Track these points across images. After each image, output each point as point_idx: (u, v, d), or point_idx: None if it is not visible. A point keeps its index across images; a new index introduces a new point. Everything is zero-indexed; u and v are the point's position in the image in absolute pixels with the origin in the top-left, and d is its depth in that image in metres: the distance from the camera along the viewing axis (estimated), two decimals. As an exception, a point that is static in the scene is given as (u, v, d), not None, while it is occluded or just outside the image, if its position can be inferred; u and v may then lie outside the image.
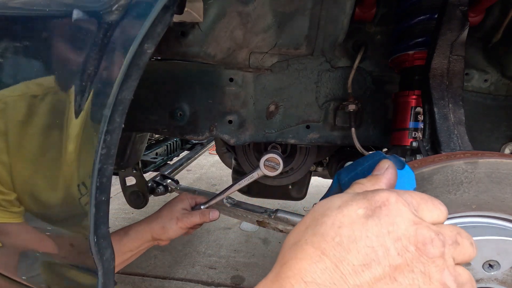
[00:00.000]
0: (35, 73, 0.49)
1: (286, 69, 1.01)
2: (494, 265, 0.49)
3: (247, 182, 1.03)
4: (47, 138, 0.51)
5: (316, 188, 3.28)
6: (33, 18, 0.49)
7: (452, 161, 0.51)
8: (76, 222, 0.54)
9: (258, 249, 2.34)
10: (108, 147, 0.50)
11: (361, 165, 0.56)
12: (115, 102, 0.49)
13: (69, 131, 0.49)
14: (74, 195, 0.51)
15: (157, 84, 1.05)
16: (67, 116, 0.49)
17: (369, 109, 1.05)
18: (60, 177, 0.52)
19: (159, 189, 1.84)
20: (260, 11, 0.80)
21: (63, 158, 0.50)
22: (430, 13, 0.80)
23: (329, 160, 1.47)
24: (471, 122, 1.02)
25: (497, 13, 0.88)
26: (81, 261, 0.57)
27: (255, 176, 1.01)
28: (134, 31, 0.47)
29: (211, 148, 3.91)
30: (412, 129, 0.85)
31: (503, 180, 0.50)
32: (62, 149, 0.50)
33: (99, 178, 0.51)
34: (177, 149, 2.51)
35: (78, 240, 0.55)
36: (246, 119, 1.06)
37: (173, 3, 0.50)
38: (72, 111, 0.48)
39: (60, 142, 0.50)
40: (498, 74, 0.99)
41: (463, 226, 0.53)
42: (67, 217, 0.55)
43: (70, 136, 0.49)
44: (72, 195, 0.52)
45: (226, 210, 1.19)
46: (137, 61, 0.49)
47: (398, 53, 0.87)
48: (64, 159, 0.50)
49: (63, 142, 0.49)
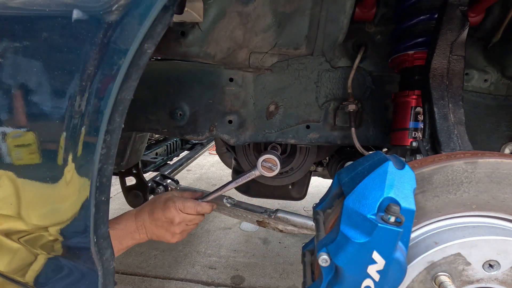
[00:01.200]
0: (34, 73, 0.49)
1: (286, 69, 1.01)
2: (494, 265, 0.49)
3: (243, 181, 1.02)
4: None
5: (316, 188, 3.28)
6: (33, 18, 0.49)
7: (452, 161, 0.51)
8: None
9: (258, 249, 2.34)
10: (108, 147, 0.50)
11: (361, 165, 0.57)
12: (115, 102, 0.49)
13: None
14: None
15: (157, 84, 1.05)
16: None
17: (369, 109, 1.05)
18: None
19: (159, 189, 1.84)
20: (260, 11, 0.80)
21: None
22: (430, 13, 0.80)
23: (329, 160, 1.47)
24: (471, 122, 1.02)
25: (497, 13, 0.88)
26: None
27: (252, 176, 1.01)
28: (134, 31, 0.47)
29: (211, 148, 3.92)
30: (412, 129, 0.85)
31: (503, 180, 0.50)
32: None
33: (99, 178, 0.51)
34: (177, 149, 2.51)
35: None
36: (246, 119, 1.06)
37: (173, 3, 0.50)
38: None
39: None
40: (498, 74, 0.99)
41: (463, 226, 0.53)
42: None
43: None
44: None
45: (226, 210, 1.19)
46: (137, 61, 0.49)
47: (398, 53, 0.87)
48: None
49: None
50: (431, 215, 0.53)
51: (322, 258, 0.51)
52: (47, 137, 0.52)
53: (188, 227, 0.99)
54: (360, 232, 0.47)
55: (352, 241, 0.47)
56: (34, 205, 0.56)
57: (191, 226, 1.00)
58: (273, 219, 1.30)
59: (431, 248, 0.50)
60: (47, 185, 0.54)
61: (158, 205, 0.96)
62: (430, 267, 0.51)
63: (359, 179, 0.52)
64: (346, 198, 0.51)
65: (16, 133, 0.52)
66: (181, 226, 0.96)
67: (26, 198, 0.56)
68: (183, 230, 0.98)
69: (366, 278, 0.48)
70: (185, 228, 0.98)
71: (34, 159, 0.53)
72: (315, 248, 0.56)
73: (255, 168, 1.00)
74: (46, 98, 0.50)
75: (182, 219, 0.95)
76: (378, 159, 0.54)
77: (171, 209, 0.94)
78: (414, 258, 0.51)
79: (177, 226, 0.95)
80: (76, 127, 0.50)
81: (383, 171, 0.49)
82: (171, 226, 0.95)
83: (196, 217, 1.00)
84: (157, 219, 0.94)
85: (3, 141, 0.52)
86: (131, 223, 0.93)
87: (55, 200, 0.55)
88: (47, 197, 0.55)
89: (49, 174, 0.53)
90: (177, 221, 0.95)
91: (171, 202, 0.95)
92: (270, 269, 2.09)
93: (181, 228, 0.96)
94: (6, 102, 0.51)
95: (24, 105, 0.51)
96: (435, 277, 0.51)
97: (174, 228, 0.95)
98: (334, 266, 0.51)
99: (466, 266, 0.50)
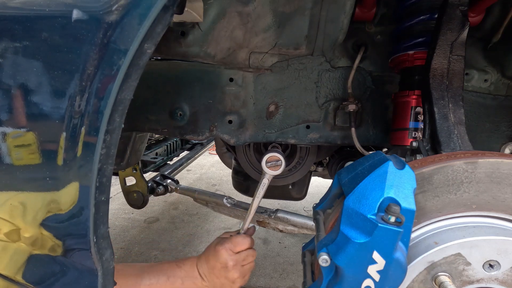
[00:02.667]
0: (34, 73, 0.49)
1: (286, 69, 1.01)
2: (494, 265, 0.49)
3: (264, 191, 0.98)
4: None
5: (316, 188, 3.28)
6: (33, 18, 0.49)
7: (452, 161, 0.51)
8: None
9: (258, 249, 2.34)
10: (108, 147, 0.50)
11: (362, 165, 0.57)
12: (115, 102, 0.49)
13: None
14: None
15: (157, 84, 1.05)
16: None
17: (369, 109, 1.05)
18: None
19: (159, 189, 1.84)
20: (260, 11, 0.80)
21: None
22: (430, 13, 0.80)
23: (329, 160, 1.47)
24: (471, 122, 1.02)
25: (497, 13, 0.88)
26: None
27: (266, 181, 0.97)
28: (134, 31, 0.47)
29: (211, 148, 3.91)
30: (412, 129, 0.85)
31: (503, 180, 0.50)
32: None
33: (99, 178, 0.51)
34: (177, 149, 2.51)
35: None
36: (246, 119, 1.06)
37: (173, 3, 0.50)
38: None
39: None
40: (498, 74, 0.99)
41: (463, 226, 0.53)
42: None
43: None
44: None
45: (226, 210, 1.19)
46: (137, 61, 0.49)
47: (398, 53, 0.87)
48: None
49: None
50: (431, 215, 0.53)
51: (322, 258, 0.51)
52: (47, 137, 0.52)
53: (245, 268, 0.93)
54: (360, 232, 0.47)
55: (352, 241, 0.47)
56: (34, 205, 0.56)
57: (248, 265, 0.94)
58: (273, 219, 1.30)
59: (431, 248, 0.50)
60: (47, 185, 0.54)
61: (211, 251, 0.92)
62: (430, 267, 0.51)
63: (359, 179, 0.52)
64: (346, 198, 0.51)
65: (16, 133, 0.52)
66: (238, 269, 0.91)
67: (25, 199, 0.56)
68: (242, 273, 0.92)
69: (366, 278, 0.48)
70: (242, 270, 0.92)
71: (34, 159, 0.53)
72: (315, 248, 0.56)
73: (264, 173, 0.97)
74: (46, 98, 0.50)
75: (236, 261, 0.91)
76: (378, 159, 0.54)
77: (222, 252, 0.90)
78: (414, 258, 0.51)
79: (233, 271, 0.90)
80: (76, 127, 0.50)
81: (383, 171, 0.49)
82: (227, 272, 0.90)
83: (248, 253, 0.94)
84: (213, 267, 0.90)
85: (3, 141, 0.52)
86: (194, 268, 0.91)
87: (54, 200, 0.55)
88: (46, 197, 0.55)
89: (48, 174, 0.53)
90: (231, 265, 0.90)
91: (219, 246, 0.91)
92: (270, 269, 2.09)
93: (238, 271, 0.91)
94: (6, 102, 0.51)
95: (24, 105, 0.51)
96: (435, 277, 0.51)
97: (232, 274, 0.90)
98: (334, 266, 0.51)
99: (466, 266, 0.50)
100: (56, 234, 0.58)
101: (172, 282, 0.88)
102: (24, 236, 0.60)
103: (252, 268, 0.96)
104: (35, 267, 0.62)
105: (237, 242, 0.92)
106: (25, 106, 0.51)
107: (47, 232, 0.58)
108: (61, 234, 0.58)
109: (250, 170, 1.27)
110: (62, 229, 0.57)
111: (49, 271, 0.62)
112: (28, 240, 0.60)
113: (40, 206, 0.56)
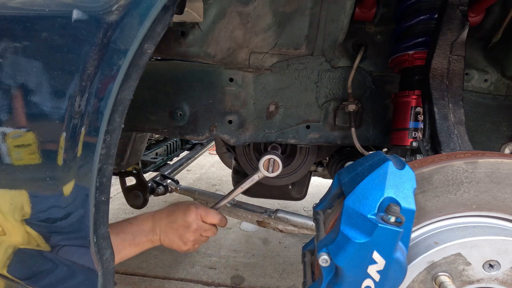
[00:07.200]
0: (34, 73, 0.49)
1: (286, 69, 1.01)
2: (494, 265, 0.49)
3: (249, 185, 1.02)
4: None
5: (316, 188, 3.28)
6: (33, 18, 0.49)
7: (452, 161, 0.51)
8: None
9: (258, 249, 2.34)
10: (108, 147, 0.50)
11: (362, 165, 0.57)
12: (115, 102, 0.49)
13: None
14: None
15: (157, 84, 1.05)
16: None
17: (369, 109, 1.05)
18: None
19: (159, 189, 1.84)
20: (260, 11, 0.80)
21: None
22: (430, 13, 0.80)
23: (329, 160, 1.47)
24: (471, 122, 1.02)
25: (497, 13, 0.88)
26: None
27: (256, 178, 1.00)
28: (134, 31, 0.47)
29: (211, 148, 3.91)
30: (412, 129, 0.85)
31: (503, 180, 0.50)
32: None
33: (99, 178, 0.51)
34: (177, 149, 2.51)
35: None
36: (246, 119, 1.06)
37: (173, 3, 0.50)
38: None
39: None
40: (498, 74, 0.99)
41: (463, 226, 0.53)
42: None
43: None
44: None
45: (226, 210, 1.19)
46: (137, 61, 0.49)
47: (398, 53, 0.87)
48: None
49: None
50: (431, 215, 0.53)
51: (322, 258, 0.51)
52: (47, 137, 0.52)
53: (201, 238, 0.97)
54: (360, 232, 0.47)
55: (352, 241, 0.47)
56: (34, 205, 0.56)
57: (204, 238, 0.98)
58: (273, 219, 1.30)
59: (431, 248, 0.50)
60: (47, 185, 0.54)
61: (179, 206, 0.94)
62: (430, 267, 0.51)
63: (359, 179, 0.52)
64: (346, 198, 0.51)
65: (16, 133, 0.52)
66: (196, 234, 0.94)
67: (26, 198, 0.56)
68: (196, 240, 0.95)
69: (366, 278, 0.48)
70: (199, 238, 0.96)
71: (34, 159, 0.53)
72: (315, 248, 0.56)
73: (258, 171, 0.99)
74: (46, 98, 0.50)
75: (199, 226, 0.93)
76: (378, 159, 0.54)
77: (192, 213, 0.92)
78: (414, 258, 0.51)
79: (192, 233, 0.92)
80: (76, 127, 0.50)
81: (383, 171, 0.49)
82: (186, 231, 0.92)
83: (212, 228, 0.98)
84: (175, 221, 0.92)
85: (3, 141, 0.52)
86: (148, 221, 0.91)
87: (54, 200, 0.55)
88: (46, 197, 0.55)
89: (48, 174, 0.53)
90: (194, 227, 0.92)
91: (193, 206, 0.94)
92: (270, 269, 2.09)
93: (195, 236, 0.94)
94: (6, 102, 0.51)
95: (24, 105, 0.51)
96: (435, 277, 0.51)
97: (189, 235, 0.92)
98: (334, 266, 0.50)
99: (466, 266, 0.50)
100: (55, 234, 0.58)
101: (122, 239, 0.86)
102: (23, 236, 0.60)
103: (205, 242, 1.00)
104: (34, 267, 0.62)
105: (210, 213, 0.95)
106: (25, 106, 0.51)
107: (46, 232, 0.58)
108: (61, 234, 0.58)
109: (250, 170, 1.27)
110: (61, 229, 0.57)
111: (49, 270, 0.62)
112: (27, 239, 0.60)
113: (39, 206, 0.56)
